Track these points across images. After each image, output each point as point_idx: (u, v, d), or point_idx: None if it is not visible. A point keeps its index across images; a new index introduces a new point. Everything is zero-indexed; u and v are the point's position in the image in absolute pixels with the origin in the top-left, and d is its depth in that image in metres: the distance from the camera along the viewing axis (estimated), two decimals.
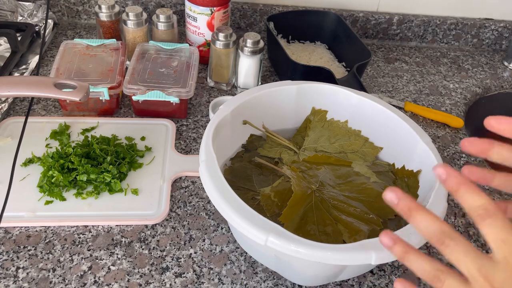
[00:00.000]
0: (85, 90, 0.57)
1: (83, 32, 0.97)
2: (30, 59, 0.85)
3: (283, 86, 0.64)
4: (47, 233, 0.58)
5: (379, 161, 0.64)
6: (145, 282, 0.54)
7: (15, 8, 0.94)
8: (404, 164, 0.60)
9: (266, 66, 0.94)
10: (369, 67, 0.98)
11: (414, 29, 1.06)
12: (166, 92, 0.71)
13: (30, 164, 0.65)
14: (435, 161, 0.54)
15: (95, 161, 0.64)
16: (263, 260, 0.55)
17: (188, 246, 0.58)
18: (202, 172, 0.50)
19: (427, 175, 0.56)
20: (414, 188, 0.58)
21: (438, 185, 0.51)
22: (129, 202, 0.62)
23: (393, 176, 0.61)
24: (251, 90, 0.62)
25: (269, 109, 0.65)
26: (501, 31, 1.07)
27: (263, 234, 0.43)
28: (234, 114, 0.60)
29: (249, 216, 0.45)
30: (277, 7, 1.01)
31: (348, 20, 1.03)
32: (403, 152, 0.61)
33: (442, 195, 0.50)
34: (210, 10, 0.83)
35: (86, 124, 0.73)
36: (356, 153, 0.64)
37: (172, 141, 0.72)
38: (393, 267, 0.58)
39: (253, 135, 0.66)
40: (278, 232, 0.44)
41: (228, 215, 0.46)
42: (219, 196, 0.47)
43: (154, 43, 0.81)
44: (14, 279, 0.52)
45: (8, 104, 0.74)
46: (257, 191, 0.58)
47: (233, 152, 0.65)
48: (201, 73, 0.89)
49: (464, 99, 0.92)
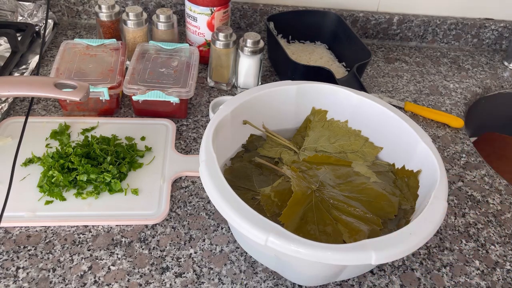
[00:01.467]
0: (85, 90, 0.57)
1: (83, 32, 0.97)
2: (30, 59, 0.85)
3: (283, 86, 0.64)
4: (47, 233, 0.58)
5: (379, 161, 0.64)
6: (145, 282, 0.54)
7: (15, 8, 0.94)
8: (404, 164, 0.61)
9: (266, 66, 0.94)
10: (369, 67, 0.98)
11: (414, 29, 1.06)
12: (166, 92, 0.71)
13: (30, 164, 0.65)
14: (435, 161, 0.54)
15: (95, 161, 0.64)
16: (263, 260, 0.55)
17: (188, 246, 0.58)
18: (202, 172, 0.50)
19: (427, 175, 0.56)
20: (414, 188, 0.58)
21: (438, 185, 0.51)
22: (129, 202, 0.62)
23: (393, 176, 0.61)
24: (251, 90, 0.62)
25: (269, 109, 0.65)
26: (501, 31, 1.07)
27: (263, 234, 0.43)
28: (234, 114, 0.60)
29: (249, 216, 0.45)
30: (277, 7, 1.01)
31: (348, 20, 1.03)
32: (403, 152, 0.61)
33: (442, 195, 0.50)
34: (210, 10, 0.83)
35: (86, 124, 0.73)
36: (356, 153, 0.64)
37: (172, 141, 0.72)
38: (393, 267, 0.58)
39: (253, 135, 0.66)
40: (278, 232, 0.44)
41: (228, 215, 0.46)
42: (219, 196, 0.47)
43: (154, 43, 0.81)
44: (14, 279, 0.52)
45: (8, 104, 0.74)
46: (257, 191, 0.58)
47: (233, 152, 0.65)
48: (201, 73, 0.89)
49: (464, 99, 0.92)
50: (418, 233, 0.46)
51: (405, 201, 0.57)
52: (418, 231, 0.46)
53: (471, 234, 0.64)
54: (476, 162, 0.76)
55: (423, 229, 0.46)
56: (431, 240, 0.62)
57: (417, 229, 0.46)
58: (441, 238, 0.63)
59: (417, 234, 0.45)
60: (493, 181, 0.73)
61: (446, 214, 0.66)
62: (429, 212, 0.48)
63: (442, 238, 0.63)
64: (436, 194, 0.50)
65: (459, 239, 0.63)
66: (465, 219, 0.66)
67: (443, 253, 0.61)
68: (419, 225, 0.46)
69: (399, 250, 0.44)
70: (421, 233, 0.46)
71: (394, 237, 0.45)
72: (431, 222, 0.47)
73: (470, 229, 0.65)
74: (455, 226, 0.65)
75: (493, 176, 0.74)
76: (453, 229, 0.65)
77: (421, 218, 0.47)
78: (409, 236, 0.45)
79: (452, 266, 0.59)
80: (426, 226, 0.46)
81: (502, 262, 0.61)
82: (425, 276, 0.58)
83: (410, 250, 0.44)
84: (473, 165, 0.76)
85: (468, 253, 0.61)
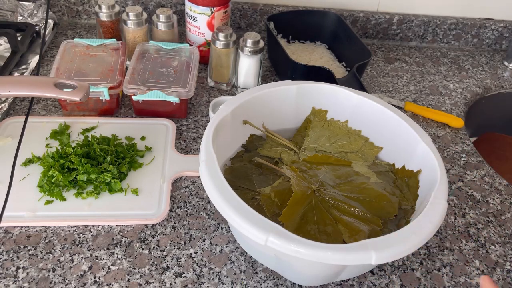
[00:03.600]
0: (85, 90, 0.57)
1: (83, 32, 0.97)
2: (30, 59, 0.85)
3: (283, 86, 0.64)
4: (47, 233, 0.58)
5: (379, 161, 0.64)
6: (145, 282, 0.54)
7: (15, 8, 0.94)
8: (404, 164, 0.61)
9: (266, 66, 0.94)
10: (369, 67, 0.98)
11: (414, 29, 1.06)
12: (166, 92, 0.71)
13: (30, 164, 0.65)
14: (435, 161, 0.54)
15: (95, 161, 0.64)
16: (263, 260, 0.55)
17: (188, 246, 0.58)
18: (202, 172, 0.50)
19: (427, 175, 0.56)
20: (414, 188, 0.58)
21: (438, 185, 0.51)
22: (129, 202, 0.62)
23: (393, 176, 0.61)
24: (251, 90, 0.62)
25: (269, 109, 0.65)
26: (501, 31, 1.07)
27: (263, 234, 0.43)
28: (234, 114, 0.60)
29: (249, 216, 0.45)
30: (277, 7, 1.01)
31: (348, 20, 1.03)
32: (403, 152, 0.61)
33: (442, 195, 0.50)
34: (210, 10, 0.83)
35: (86, 124, 0.73)
36: (356, 153, 0.64)
37: (172, 141, 0.72)
38: (393, 267, 0.58)
39: (253, 135, 0.66)
40: (278, 232, 0.44)
41: (228, 215, 0.46)
42: (219, 196, 0.47)
43: (154, 43, 0.81)
44: (14, 279, 0.52)
45: (8, 104, 0.74)
46: (257, 191, 0.58)
47: (233, 152, 0.65)
48: (201, 73, 0.89)
49: (464, 99, 0.92)
50: (418, 233, 0.45)
51: (405, 201, 0.57)
52: (418, 231, 0.46)
53: (471, 234, 0.64)
54: (476, 162, 0.76)
55: (423, 229, 0.46)
56: (431, 240, 0.62)
57: (417, 229, 0.46)
58: (441, 238, 0.63)
59: (417, 234, 0.45)
60: (493, 181, 0.73)
61: (446, 214, 0.66)
62: (429, 212, 0.48)
63: (442, 238, 0.63)
64: (436, 194, 0.50)
65: (459, 239, 0.63)
66: (465, 219, 0.66)
67: (443, 253, 0.61)
68: (419, 225, 0.46)
69: (399, 250, 0.44)
70: (421, 233, 0.46)
71: (394, 237, 0.45)
72: (431, 222, 0.47)
73: (470, 229, 0.65)
74: (455, 226, 0.65)
75: (493, 176, 0.74)
76: (453, 229, 0.65)
77: (421, 218, 0.47)
78: (409, 236, 0.45)
79: (452, 266, 0.59)
80: (426, 226, 0.46)
81: (502, 262, 0.61)
82: (425, 276, 0.58)
83: (410, 250, 0.44)
84: (473, 165, 0.76)
85: (468, 253, 0.61)
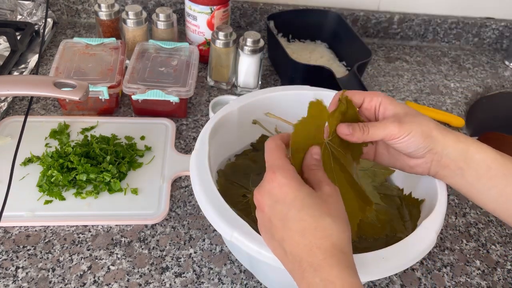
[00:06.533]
0: (85, 89, 0.57)
1: (83, 31, 0.97)
2: (29, 58, 0.84)
3: (299, 90, 0.62)
4: (47, 232, 0.57)
5: (389, 184, 0.60)
6: (145, 282, 0.53)
7: (15, 7, 0.94)
8: (411, 191, 0.56)
9: (266, 65, 0.93)
10: (370, 66, 0.98)
11: (415, 28, 1.05)
12: (166, 91, 0.71)
13: (29, 164, 0.65)
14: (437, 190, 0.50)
15: (95, 160, 0.64)
16: (240, 258, 0.55)
17: (188, 246, 0.58)
18: (191, 160, 0.51)
19: (429, 204, 0.52)
20: (415, 217, 0.54)
21: (432, 214, 0.47)
22: (129, 201, 0.62)
23: (399, 202, 0.57)
24: (264, 90, 0.61)
25: (282, 112, 0.62)
26: (502, 30, 1.07)
27: (229, 229, 0.43)
28: (242, 111, 0.59)
29: (221, 209, 0.45)
30: (277, 6, 1.01)
31: (349, 19, 1.03)
32: (413, 177, 0.53)
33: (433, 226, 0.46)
34: (210, 9, 0.82)
35: (85, 123, 0.72)
36: (366, 171, 0.61)
37: (172, 140, 0.71)
38: None
39: (264, 136, 0.65)
40: (245, 230, 0.43)
41: (202, 205, 0.46)
42: (200, 183, 0.47)
43: (153, 42, 0.81)
44: (13, 279, 0.52)
45: (8, 103, 0.74)
46: (249, 189, 0.58)
47: (240, 148, 0.64)
48: (201, 72, 0.88)
49: (465, 98, 0.92)
50: (391, 260, 0.42)
51: (404, 230, 0.54)
52: (391, 257, 0.42)
53: (471, 234, 0.64)
54: None
55: (397, 257, 0.42)
56: None
57: (391, 254, 0.42)
58: (442, 238, 0.63)
59: (389, 261, 0.42)
60: None
61: (447, 214, 0.66)
62: (412, 240, 0.44)
63: (442, 238, 0.63)
64: (426, 224, 0.46)
65: (459, 239, 0.63)
66: (465, 219, 0.66)
67: (444, 253, 0.61)
68: (396, 250, 0.43)
69: (363, 273, 0.40)
70: (394, 260, 0.42)
71: (362, 257, 0.42)
72: (410, 252, 0.43)
73: (470, 229, 0.65)
74: (456, 226, 0.65)
75: None
76: (454, 229, 0.64)
77: (401, 245, 0.43)
78: (380, 260, 0.42)
79: (452, 266, 0.59)
80: (402, 254, 0.43)
81: (502, 262, 0.61)
82: (426, 276, 0.58)
83: (379, 276, 0.42)
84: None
85: (469, 253, 0.61)
